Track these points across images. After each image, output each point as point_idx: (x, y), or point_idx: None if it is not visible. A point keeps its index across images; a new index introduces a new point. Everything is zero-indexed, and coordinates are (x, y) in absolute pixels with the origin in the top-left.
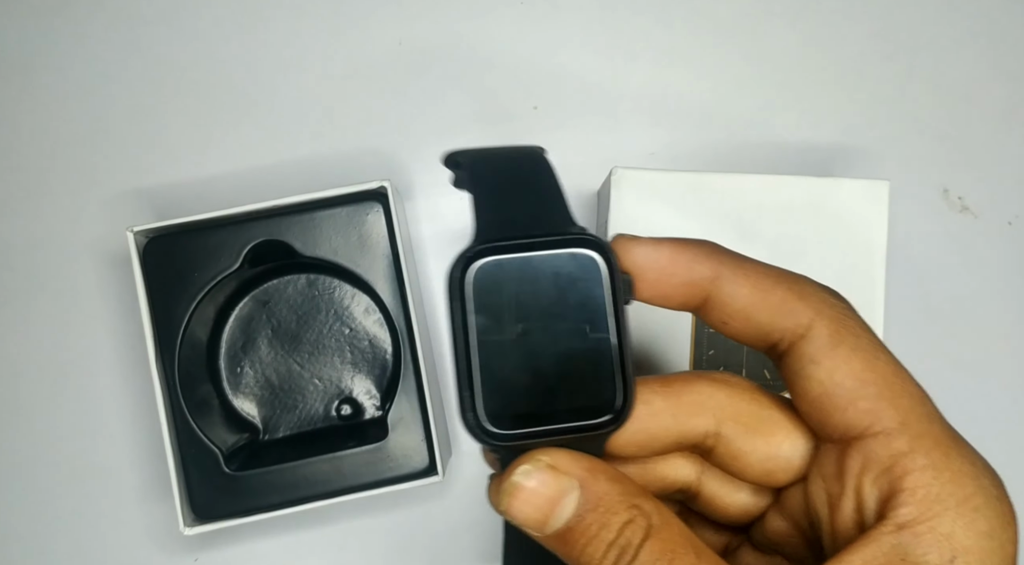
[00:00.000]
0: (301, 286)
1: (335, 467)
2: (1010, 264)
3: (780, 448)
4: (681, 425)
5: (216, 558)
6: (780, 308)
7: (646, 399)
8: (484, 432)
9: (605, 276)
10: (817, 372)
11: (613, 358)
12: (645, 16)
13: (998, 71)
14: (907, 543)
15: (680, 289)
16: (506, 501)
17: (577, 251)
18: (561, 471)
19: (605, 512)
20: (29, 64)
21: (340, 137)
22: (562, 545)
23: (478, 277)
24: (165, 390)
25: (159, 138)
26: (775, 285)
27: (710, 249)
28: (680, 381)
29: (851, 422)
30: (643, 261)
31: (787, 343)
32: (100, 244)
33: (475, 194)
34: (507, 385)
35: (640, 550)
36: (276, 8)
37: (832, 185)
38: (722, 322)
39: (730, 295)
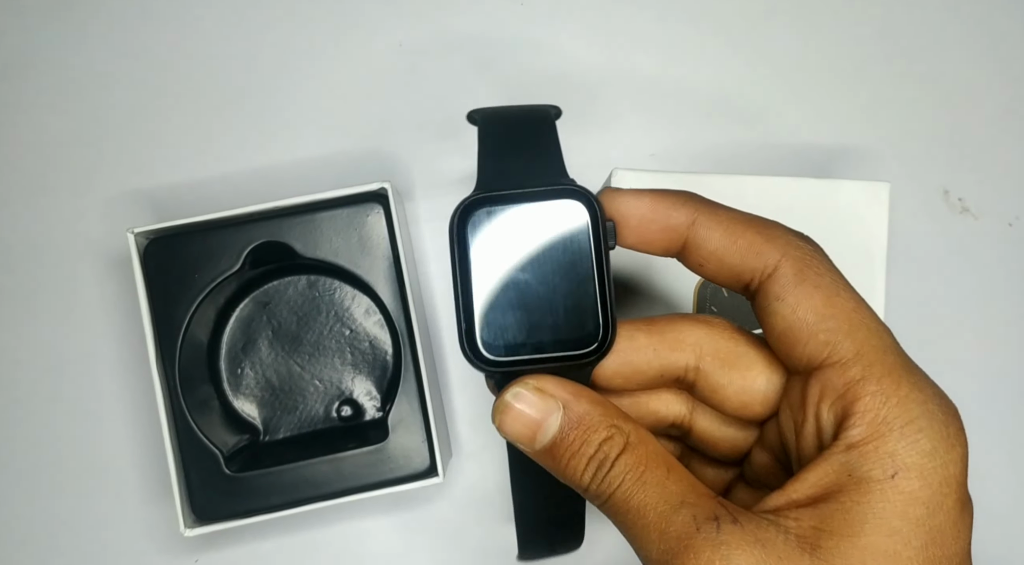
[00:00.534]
0: (301, 287)
1: (335, 468)
2: (1010, 265)
3: (755, 382)
4: (662, 359)
5: (216, 559)
6: (749, 250)
7: (630, 334)
8: (479, 358)
9: (590, 223)
10: (782, 308)
11: (596, 295)
12: (645, 17)
13: (998, 72)
14: (854, 461)
15: (660, 234)
16: (498, 418)
17: (564, 201)
18: (547, 393)
19: (586, 430)
20: (29, 64)
21: (340, 138)
22: (550, 459)
23: (475, 222)
24: (165, 391)
25: (159, 138)
26: (745, 229)
27: (687, 197)
28: (663, 320)
29: (812, 353)
30: (626, 209)
31: (757, 282)
32: (100, 245)
33: (480, 147)
34: (500, 318)
35: (616, 462)
36: (276, 9)
37: (832, 186)
38: (699, 264)
39: (704, 239)
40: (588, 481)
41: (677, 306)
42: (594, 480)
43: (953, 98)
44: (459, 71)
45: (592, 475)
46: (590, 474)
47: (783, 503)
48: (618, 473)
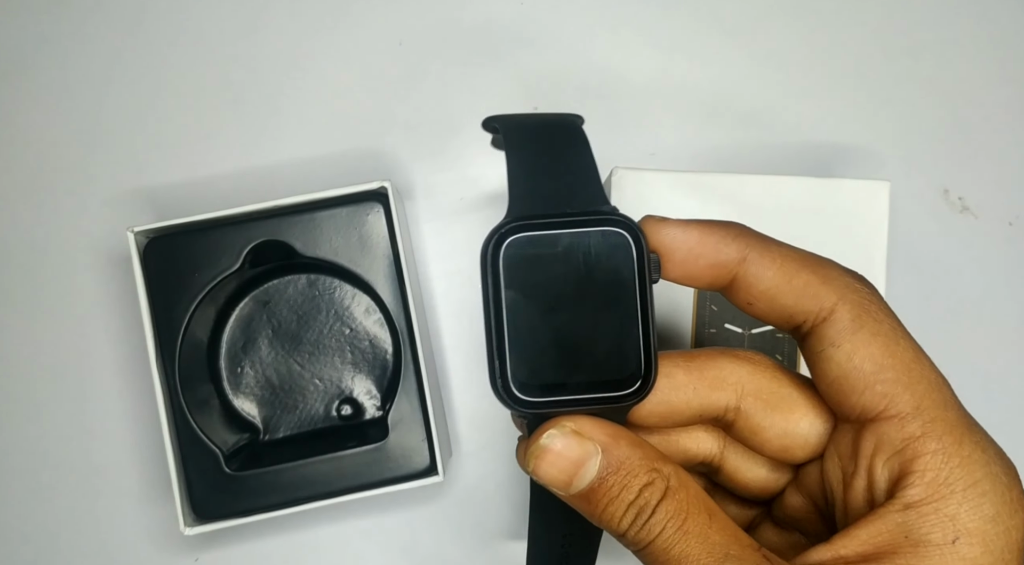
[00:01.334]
0: (301, 286)
1: (335, 467)
2: (1011, 264)
3: (798, 425)
4: (702, 399)
5: (216, 558)
6: (804, 291)
7: (668, 372)
8: (513, 399)
9: (634, 255)
10: (837, 354)
11: (638, 334)
12: (646, 16)
13: (998, 71)
14: (912, 522)
15: (707, 270)
16: (533, 463)
17: (607, 230)
18: (585, 436)
19: (626, 475)
20: (29, 64)
21: (340, 137)
22: (585, 504)
23: (509, 252)
24: (165, 390)
25: (159, 138)
26: (800, 268)
27: (738, 231)
28: (703, 356)
29: (867, 404)
30: (671, 242)
31: (810, 325)
32: (100, 244)
33: (509, 165)
34: (535, 356)
35: (656, 509)
36: (276, 8)
37: (832, 185)
38: (747, 303)
39: (756, 277)
40: (626, 527)
41: (677, 304)
42: (632, 527)
43: (953, 98)
44: (459, 70)
45: (631, 522)
46: (628, 520)
47: (829, 558)
48: (659, 521)
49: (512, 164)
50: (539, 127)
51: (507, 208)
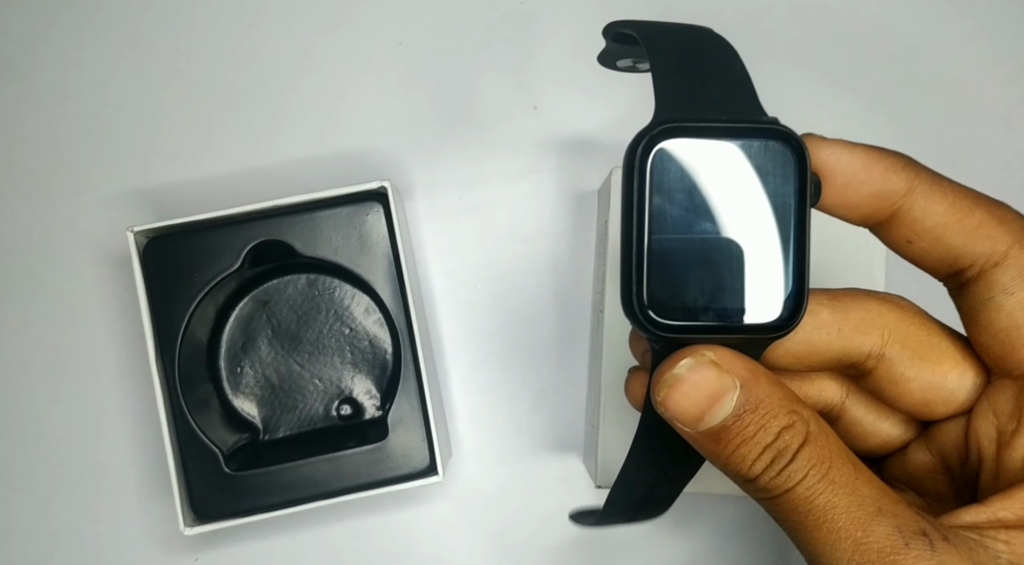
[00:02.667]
0: (301, 286)
1: (335, 467)
2: None
3: (946, 378)
4: (845, 341)
5: (216, 558)
6: (977, 231)
7: (812, 309)
8: (647, 320)
9: (794, 173)
10: (1009, 302)
11: (791, 261)
12: (645, 16)
13: (998, 72)
14: None
15: (868, 199)
16: (664, 392)
17: (768, 142)
18: (724, 369)
19: (765, 414)
20: (29, 64)
21: (340, 137)
22: (713, 443)
23: (658, 158)
24: (165, 390)
25: (159, 138)
26: (975, 206)
27: (906, 161)
28: (849, 296)
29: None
30: (835, 164)
31: (977, 269)
32: (100, 244)
33: (654, 66)
34: (676, 275)
35: (797, 455)
36: (276, 8)
37: None
38: (907, 240)
39: (923, 211)
40: (759, 471)
41: None
42: (767, 472)
43: (953, 97)
44: (459, 70)
45: (766, 466)
46: (763, 464)
47: (985, 521)
48: (800, 467)
49: (657, 65)
50: (682, 31)
51: (655, 111)
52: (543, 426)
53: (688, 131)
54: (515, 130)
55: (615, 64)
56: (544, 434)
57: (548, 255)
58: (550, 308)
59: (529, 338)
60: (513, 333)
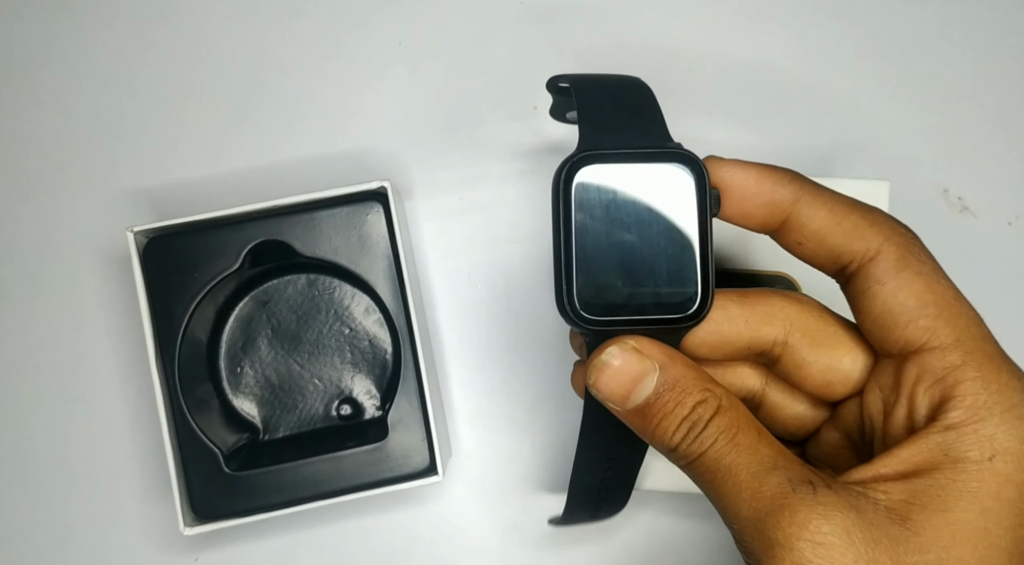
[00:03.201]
0: (301, 286)
1: (335, 467)
2: (1010, 264)
3: (841, 361)
4: (752, 331)
5: (216, 558)
6: (853, 232)
7: (722, 304)
8: (577, 316)
9: (696, 189)
10: (882, 291)
11: (697, 261)
12: (645, 16)
13: (998, 71)
14: (951, 441)
15: (762, 208)
16: (594, 376)
17: (672, 164)
18: (644, 354)
19: (681, 391)
20: (29, 64)
21: (340, 137)
22: (640, 419)
23: (581, 180)
24: (165, 390)
25: (159, 138)
26: (850, 211)
27: (792, 175)
28: (755, 293)
29: (910, 337)
30: (731, 179)
31: (856, 265)
32: (100, 244)
33: (580, 107)
34: (600, 277)
35: (709, 424)
36: (276, 8)
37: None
38: (797, 243)
39: (808, 217)
40: (678, 441)
41: None
42: (684, 440)
43: (953, 97)
44: (458, 70)
45: (683, 436)
46: (681, 434)
47: (869, 476)
48: (710, 434)
49: (582, 106)
50: (607, 79)
51: (578, 142)
52: (543, 426)
53: (603, 157)
54: (515, 130)
55: (564, 117)
56: (544, 434)
57: (548, 255)
58: (550, 308)
59: (529, 338)
60: (513, 333)
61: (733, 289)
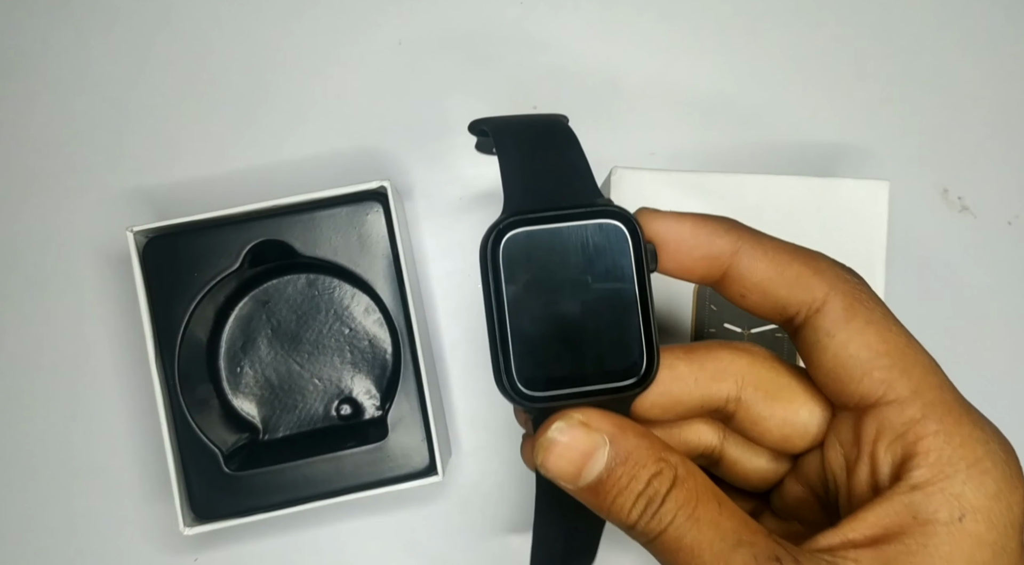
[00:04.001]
0: (301, 286)
1: (335, 467)
2: (1010, 264)
3: (798, 415)
4: (703, 389)
5: (216, 558)
6: (796, 282)
7: (670, 364)
8: (518, 394)
9: (630, 245)
10: (832, 344)
11: (639, 323)
12: (645, 16)
13: (997, 71)
14: (919, 502)
15: (700, 262)
16: (541, 455)
17: (603, 222)
18: (592, 427)
19: (634, 465)
20: (29, 64)
21: (340, 137)
22: (594, 497)
23: (508, 248)
24: (165, 390)
25: (159, 138)
26: (792, 260)
27: (729, 224)
28: (703, 348)
29: (866, 391)
30: (665, 232)
31: (803, 316)
32: (100, 244)
33: (502, 164)
34: (538, 349)
35: (666, 499)
36: (276, 8)
37: (832, 184)
38: (740, 295)
39: (748, 269)
40: (636, 518)
41: (677, 303)
42: (643, 518)
43: (953, 97)
44: (458, 70)
45: (640, 513)
46: (638, 511)
47: (838, 543)
48: (669, 510)
49: (504, 163)
50: (527, 127)
51: (503, 205)
52: None
53: (530, 221)
54: None
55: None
56: None
57: None
58: None
59: None
60: None
61: (678, 345)
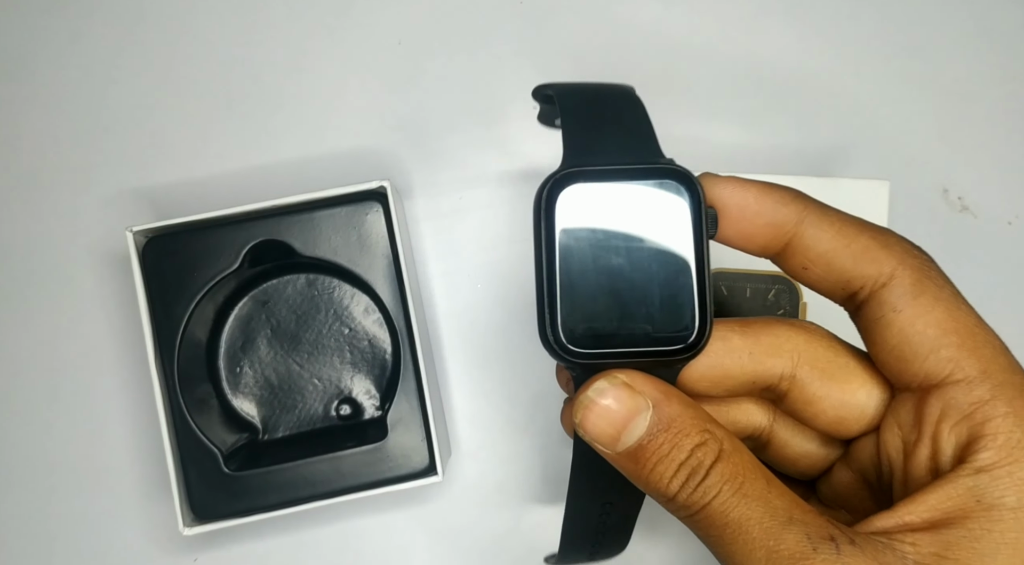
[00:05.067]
0: (300, 286)
1: (335, 467)
2: (1010, 264)
3: (855, 396)
4: (757, 364)
5: (215, 558)
6: (864, 255)
7: (724, 335)
8: (562, 349)
9: (691, 208)
10: (898, 320)
11: (693, 288)
12: (645, 15)
13: (998, 71)
14: (984, 485)
15: (763, 229)
16: (580, 414)
17: (665, 181)
18: (636, 390)
19: (677, 433)
20: (29, 64)
21: (340, 137)
22: (632, 463)
23: (565, 199)
24: (164, 390)
25: (159, 138)
26: (859, 232)
27: (795, 194)
28: (759, 323)
29: (931, 370)
30: (729, 198)
31: (868, 291)
32: (100, 244)
33: (564, 123)
34: (587, 305)
35: (711, 471)
36: (276, 8)
37: (832, 184)
38: (803, 267)
39: (814, 239)
40: (676, 489)
41: None
42: (684, 489)
43: (953, 97)
44: (458, 70)
45: (682, 483)
46: (679, 482)
47: (893, 525)
48: (714, 483)
49: (567, 121)
50: (593, 91)
51: (562, 160)
52: (543, 426)
53: (589, 175)
54: (515, 130)
55: (553, 123)
56: (544, 434)
57: None
58: None
59: (529, 338)
60: (513, 333)
61: (734, 318)
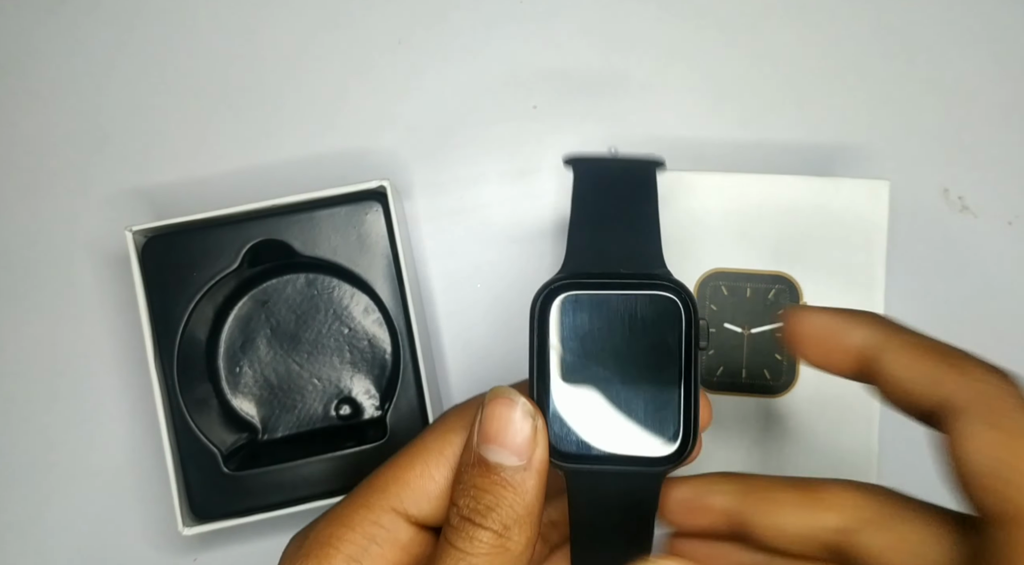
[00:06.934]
0: (300, 286)
1: (334, 467)
2: (1011, 264)
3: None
4: (808, 519)
5: (215, 558)
6: (942, 383)
7: (772, 495)
8: (551, 452)
9: (682, 321)
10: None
11: (679, 400)
12: (645, 15)
13: (998, 71)
14: None
15: (841, 356)
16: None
17: (656, 294)
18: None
19: None
20: (29, 64)
21: (340, 137)
22: None
23: (559, 309)
24: (164, 390)
25: (159, 138)
26: (939, 360)
27: (873, 320)
28: (810, 479)
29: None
30: (810, 326)
31: (952, 414)
32: (99, 244)
33: (574, 210)
34: (576, 412)
35: None
36: (276, 7)
37: (832, 184)
38: (883, 392)
39: (891, 365)
40: None
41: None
42: None
43: (953, 96)
44: (458, 70)
45: None
46: None
47: None
48: None
49: (575, 213)
50: (610, 177)
51: (563, 261)
52: None
53: (584, 285)
54: (515, 130)
55: None
56: None
57: (547, 255)
58: None
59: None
60: (513, 333)
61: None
